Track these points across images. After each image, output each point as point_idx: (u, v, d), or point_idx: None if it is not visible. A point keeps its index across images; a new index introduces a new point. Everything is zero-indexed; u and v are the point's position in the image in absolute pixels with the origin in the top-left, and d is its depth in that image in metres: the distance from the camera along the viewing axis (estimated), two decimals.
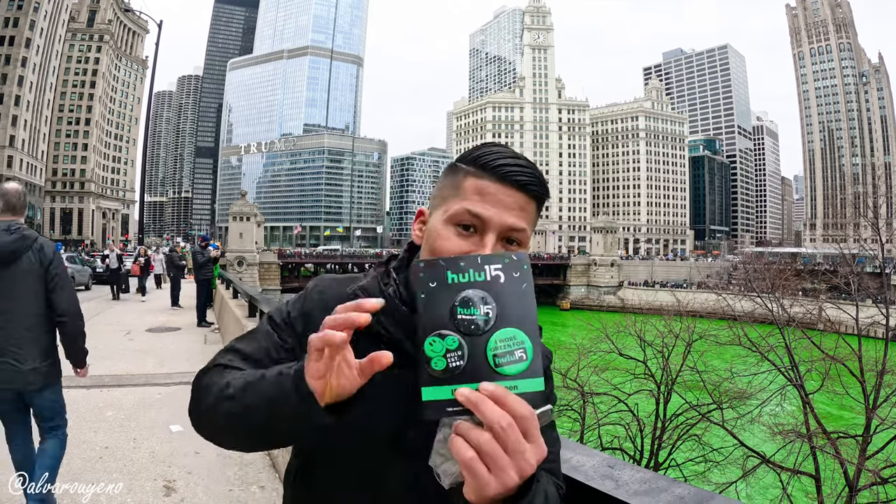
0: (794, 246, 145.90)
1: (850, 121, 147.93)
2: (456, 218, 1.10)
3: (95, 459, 5.27)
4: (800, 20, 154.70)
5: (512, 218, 1.09)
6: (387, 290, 1.17)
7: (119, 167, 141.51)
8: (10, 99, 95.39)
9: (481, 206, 1.09)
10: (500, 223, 1.08)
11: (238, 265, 70.91)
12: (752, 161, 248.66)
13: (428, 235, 1.17)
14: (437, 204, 1.18)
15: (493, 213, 1.08)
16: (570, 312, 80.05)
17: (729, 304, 20.69)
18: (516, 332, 0.85)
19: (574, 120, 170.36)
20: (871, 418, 13.13)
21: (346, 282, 1.27)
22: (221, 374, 1.13)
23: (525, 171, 1.12)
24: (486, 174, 1.10)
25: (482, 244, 1.08)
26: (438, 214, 1.15)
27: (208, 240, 18.27)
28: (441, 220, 1.13)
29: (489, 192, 1.09)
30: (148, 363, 10.07)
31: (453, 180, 1.15)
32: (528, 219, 1.12)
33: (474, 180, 1.11)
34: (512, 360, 0.84)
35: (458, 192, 1.12)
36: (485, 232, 1.09)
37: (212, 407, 1.08)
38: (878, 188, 63.23)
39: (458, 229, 1.10)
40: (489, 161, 1.11)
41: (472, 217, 1.09)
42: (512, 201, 1.10)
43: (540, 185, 1.14)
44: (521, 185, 1.11)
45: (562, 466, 1.44)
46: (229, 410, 1.05)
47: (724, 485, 13.69)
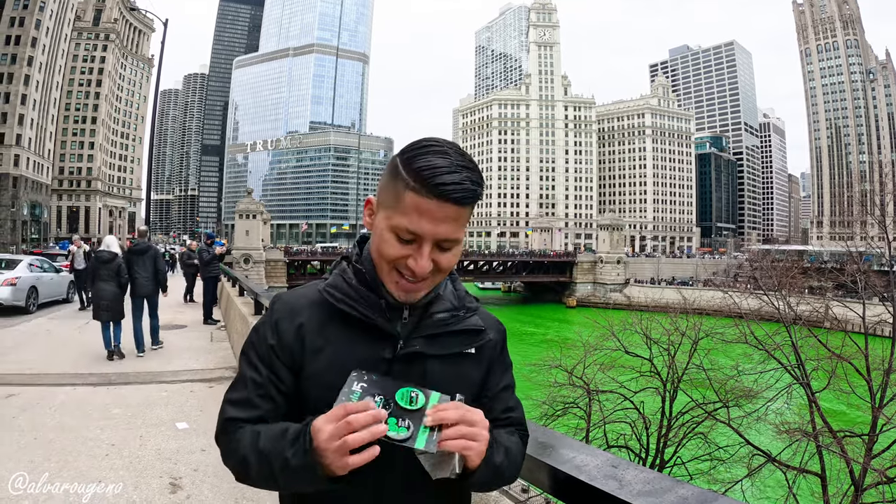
0: (800, 243, 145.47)
1: (858, 118, 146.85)
2: (397, 230, 1.23)
3: (102, 457, 5.29)
4: (806, 17, 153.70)
5: (444, 228, 1.22)
6: (352, 282, 1.34)
7: (125, 165, 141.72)
8: (16, 98, 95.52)
9: (418, 224, 1.20)
10: (433, 236, 1.22)
11: (244, 263, 71.11)
12: (759, 158, 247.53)
13: (375, 232, 1.31)
14: (381, 202, 1.29)
15: (429, 229, 1.21)
16: (577, 310, 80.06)
17: (735, 301, 20.66)
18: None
19: (580, 117, 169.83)
20: (877, 417, 13.10)
21: (302, 290, 1.42)
22: (236, 432, 1.28)
23: (461, 187, 1.20)
24: (425, 192, 1.19)
25: (419, 252, 1.23)
26: (383, 216, 1.27)
27: (214, 237, 18.32)
28: (385, 225, 1.26)
29: (426, 209, 1.19)
30: (154, 361, 10.11)
31: (395, 189, 1.24)
32: (463, 222, 1.25)
33: (414, 196, 1.20)
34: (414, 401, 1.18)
35: (399, 204, 1.22)
36: (422, 243, 1.22)
37: (242, 468, 1.26)
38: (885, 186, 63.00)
39: (398, 238, 1.24)
40: (429, 177, 1.19)
41: (410, 234, 1.22)
42: (446, 215, 1.21)
43: (474, 195, 1.23)
44: (457, 200, 1.20)
45: (564, 466, 1.62)
46: (256, 476, 1.24)
47: (730, 483, 13.69)
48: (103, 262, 10.41)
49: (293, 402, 1.32)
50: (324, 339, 1.31)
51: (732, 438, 14.55)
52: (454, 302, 1.40)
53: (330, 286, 1.35)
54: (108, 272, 10.33)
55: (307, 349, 1.30)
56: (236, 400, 1.31)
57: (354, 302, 1.31)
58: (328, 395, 1.20)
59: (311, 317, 1.33)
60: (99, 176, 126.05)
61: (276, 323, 1.33)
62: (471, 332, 1.39)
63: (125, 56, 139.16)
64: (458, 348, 1.37)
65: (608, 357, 16.98)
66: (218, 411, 1.34)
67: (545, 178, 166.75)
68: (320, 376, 1.29)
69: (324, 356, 1.30)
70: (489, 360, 1.42)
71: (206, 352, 11.19)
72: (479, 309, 1.45)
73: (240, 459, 1.24)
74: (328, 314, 1.33)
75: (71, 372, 8.94)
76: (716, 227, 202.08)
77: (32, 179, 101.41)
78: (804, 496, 13.76)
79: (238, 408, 1.30)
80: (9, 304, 15.87)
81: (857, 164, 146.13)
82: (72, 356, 10.27)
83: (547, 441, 1.73)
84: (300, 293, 1.40)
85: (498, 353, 1.45)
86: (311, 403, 1.28)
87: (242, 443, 1.24)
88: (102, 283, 10.23)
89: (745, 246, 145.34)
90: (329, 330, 1.32)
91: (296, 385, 1.32)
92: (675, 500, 1.39)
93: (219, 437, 1.32)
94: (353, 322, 1.31)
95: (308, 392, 1.30)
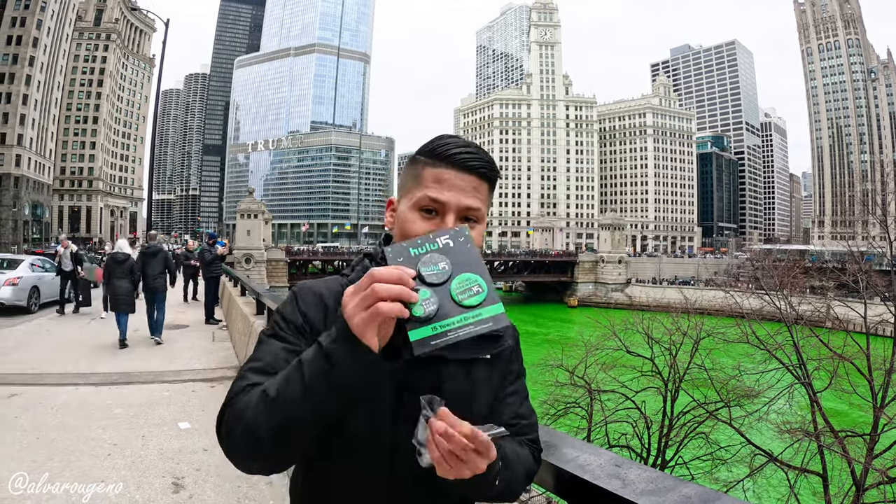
0: (802, 243, 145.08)
1: (859, 117, 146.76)
2: (419, 204, 1.26)
3: (104, 456, 5.30)
4: (808, 16, 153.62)
5: (468, 199, 1.25)
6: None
7: (127, 165, 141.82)
8: (17, 98, 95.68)
9: (439, 191, 1.25)
10: (457, 205, 1.24)
11: (246, 262, 71.17)
12: (761, 158, 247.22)
13: (398, 221, 1.32)
14: (402, 194, 1.34)
15: (451, 196, 1.24)
16: (578, 309, 79.99)
17: (737, 301, 20.64)
18: (470, 275, 1.07)
19: (581, 117, 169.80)
20: (878, 417, 13.08)
21: (323, 282, 1.37)
22: (249, 391, 1.15)
23: (475, 157, 1.27)
24: (442, 163, 1.26)
25: (444, 224, 1.24)
26: (405, 202, 1.31)
27: (215, 237, 18.33)
28: (407, 207, 1.29)
29: (445, 178, 1.25)
30: (156, 361, 10.12)
31: (414, 171, 1.31)
32: (482, 198, 1.29)
33: (432, 169, 1.27)
34: (471, 294, 1.05)
35: (419, 181, 1.28)
36: (445, 213, 1.25)
37: (254, 420, 1.09)
38: (886, 185, 62.82)
39: (422, 213, 1.26)
40: (443, 151, 1.27)
41: (433, 202, 1.25)
42: (466, 184, 1.26)
43: (490, 167, 1.29)
44: (473, 168, 1.26)
45: (568, 465, 1.61)
46: (275, 412, 1.08)
47: (732, 483, 13.67)
48: (118, 262, 11.88)
49: None
50: None
51: (734, 438, 14.52)
52: None
53: (353, 282, 1.26)
54: (122, 271, 11.82)
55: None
56: (256, 367, 1.21)
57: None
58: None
59: (335, 306, 1.27)
60: (100, 176, 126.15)
61: (304, 309, 1.29)
62: (489, 338, 1.31)
63: (126, 56, 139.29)
64: (475, 354, 1.33)
65: (610, 357, 16.96)
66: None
67: (546, 177, 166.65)
68: None
69: None
70: (504, 366, 1.40)
71: (207, 351, 11.21)
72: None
73: (253, 405, 1.10)
74: None
75: (73, 372, 8.96)
76: (717, 226, 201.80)
77: (34, 179, 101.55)
78: (805, 496, 13.74)
79: (258, 375, 1.19)
80: (11, 303, 15.91)
81: (858, 164, 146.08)
82: (74, 356, 10.29)
83: (550, 440, 1.72)
84: (322, 283, 1.36)
85: (513, 360, 1.43)
86: None
87: (253, 393, 1.13)
88: (117, 280, 11.71)
89: (746, 245, 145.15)
90: None
91: None
92: (679, 499, 1.39)
93: (225, 409, 1.18)
94: None
95: None
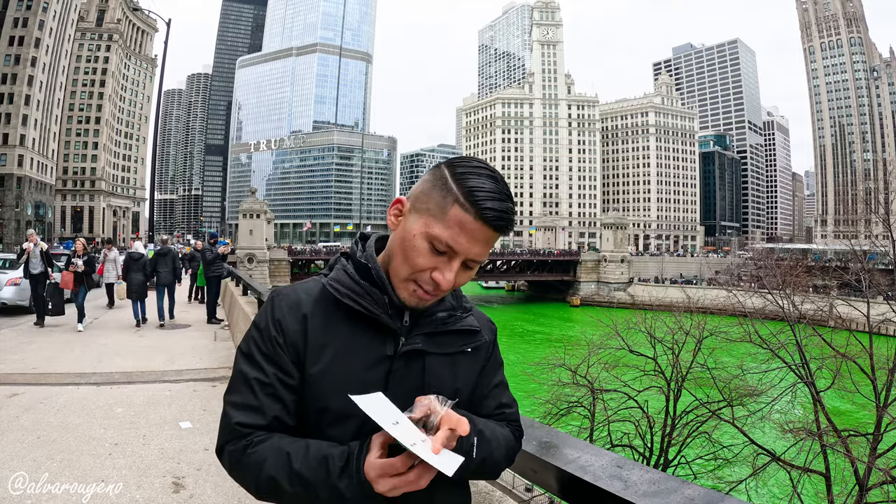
0: (804, 242, 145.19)
1: (861, 116, 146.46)
2: (434, 240, 1.24)
3: (105, 456, 5.28)
4: (810, 14, 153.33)
5: (478, 249, 1.25)
6: (355, 277, 1.34)
7: (129, 165, 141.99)
8: (20, 98, 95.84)
9: (457, 239, 1.23)
10: (467, 253, 1.25)
11: (248, 262, 71.15)
12: (763, 157, 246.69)
13: (404, 236, 1.30)
14: (419, 208, 1.29)
15: (466, 247, 1.24)
16: (580, 309, 79.80)
17: (739, 300, 20.62)
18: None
19: (584, 116, 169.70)
20: (881, 416, 13.03)
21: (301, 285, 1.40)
22: (260, 445, 1.24)
23: (505, 216, 1.24)
24: (473, 212, 1.22)
25: (449, 266, 1.25)
26: (419, 222, 1.27)
27: (217, 237, 18.33)
28: (420, 230, 1.26)
29: (469, 228, 1.22)
30: (158, 360, 10.10)
31: (442, 198, 1.25)
32: (490, 246, 1.29)
33: (460, 212, 1.22)
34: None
35: (444, 216, 1.24)
36: (453, 258, 1.25)
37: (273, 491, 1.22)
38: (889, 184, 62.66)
39: (432, 248, 1.25)
40: (479, 199, 1.22)
41: (447, 247, 1.23)
42: (484, 237, 1.24)
43: (511, 226, 1.28)
44: (498, 227, 1.24)
45: (569, 466, 1.61)
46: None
47: (734, 482, 13.65)
48: (134, 260, 14.65)
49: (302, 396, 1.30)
50: (327, 334, 1.30)
51: (737, 438, 14.51)
52: (452, 302, 1.43)
53: (333, 280, 1.35)
54: (137, 267, 14.59)
55: (311, 344, 1.29)
56: (241, 403, 1.27)
57: (358, 297, 1.30)
58: (331, 390, 1.24)
59: (314, 311, 1.32)
60: (103, 176, 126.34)
61: (279, 318, 1.31)
62: (467, 332, 1.42)
63: (128, 56, 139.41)
64: (457, 347, 1.40)
65: (612, 356, 16.93)
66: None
67: (549, 176, 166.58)
68: (324, 371, 1.28)
69: (328, 351, 1.29)
70: (483, 359, 1.46)
71: (209, 351, 11.19)
72: (474, 309, 1.48)
73: (266, 479, 1.19)
74: (331, 309, 1.32)
75: (74, 371, 8.94)
76: (720, 225, 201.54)
77: (36, 179, 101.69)
78: (808, 496, 13.72)
79: (245, 412, 1.26)
80: (13, 303, 15.92)
81: (861, 162, 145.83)
82: (75, 355, 10.28)
83: (551, 441, 1.72)
84: (300, 287, 1.39)
85: (491, 352, 1.49)
86: (313, 398, 1.29)
87: (268, 462, 1.20)
88: (133, 273, 14.44)
89: (749, 244, 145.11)
90: (332, 324, 1.31)
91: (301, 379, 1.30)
92: (681, 501, 1.39)
93: (223, 448, 1.27)
94: (356, 317, 1.31)
95: (311, 387, 1.29)
